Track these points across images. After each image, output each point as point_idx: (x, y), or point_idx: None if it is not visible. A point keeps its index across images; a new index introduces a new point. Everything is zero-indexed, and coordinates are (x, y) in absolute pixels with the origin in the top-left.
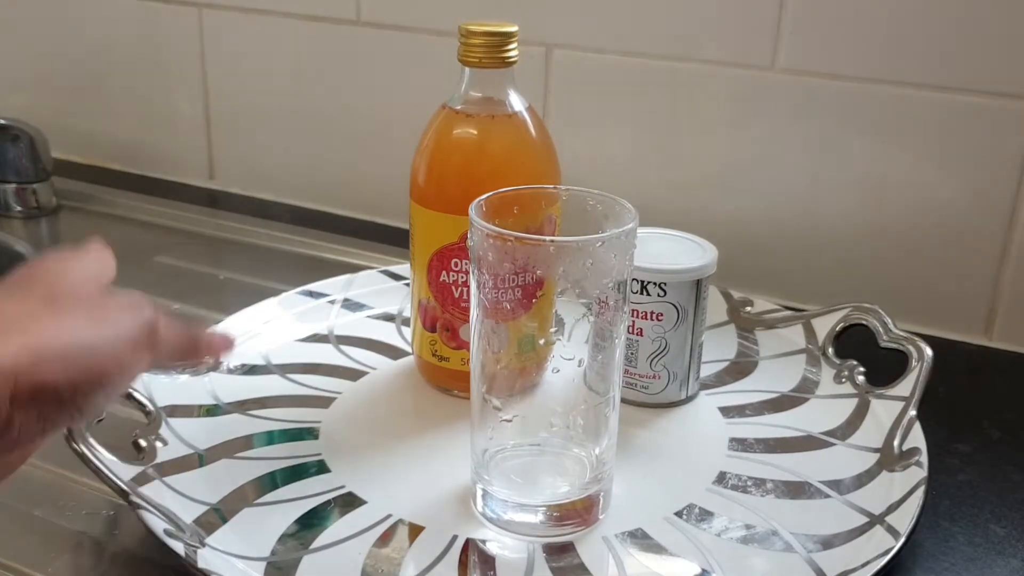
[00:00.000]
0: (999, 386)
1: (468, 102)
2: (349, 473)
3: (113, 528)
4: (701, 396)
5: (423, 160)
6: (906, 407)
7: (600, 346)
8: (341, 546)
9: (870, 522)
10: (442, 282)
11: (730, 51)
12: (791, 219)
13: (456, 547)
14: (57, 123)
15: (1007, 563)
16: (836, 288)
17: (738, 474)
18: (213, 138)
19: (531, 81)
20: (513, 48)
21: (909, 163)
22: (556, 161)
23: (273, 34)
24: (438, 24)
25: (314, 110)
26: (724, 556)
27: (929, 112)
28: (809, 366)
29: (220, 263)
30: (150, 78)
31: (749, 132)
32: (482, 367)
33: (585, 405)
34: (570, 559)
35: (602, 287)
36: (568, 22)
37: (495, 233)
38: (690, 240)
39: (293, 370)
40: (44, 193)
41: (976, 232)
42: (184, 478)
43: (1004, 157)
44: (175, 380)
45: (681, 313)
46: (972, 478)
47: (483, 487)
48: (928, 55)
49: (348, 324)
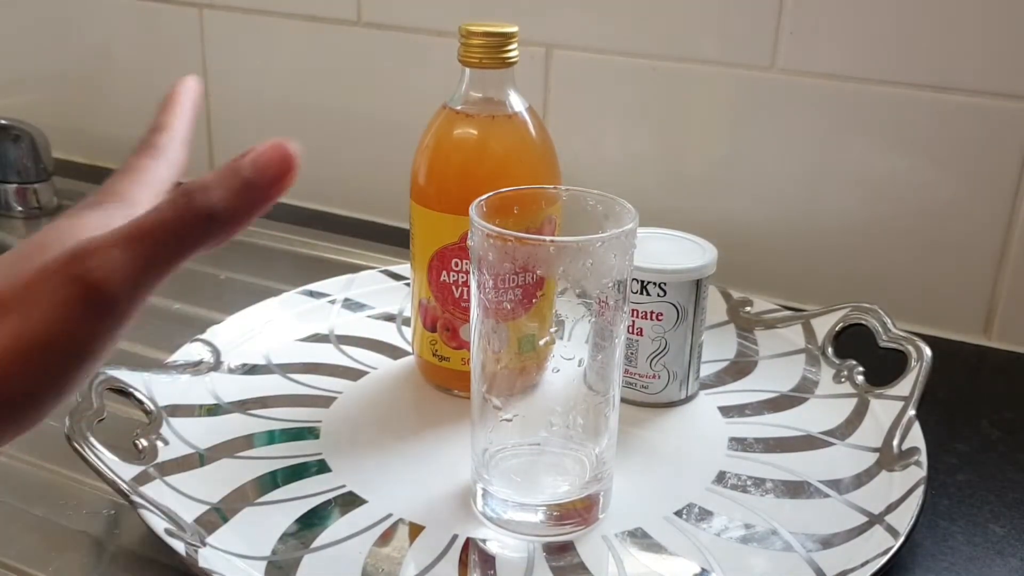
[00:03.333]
0: (998, 386)
1: (468, 102)
2: (349, 473)
3: (114, 527)
4: (701, 396)
5: (423, 160)
6: (905, 407)
7: (600, 346)
8: (342, 545)
9: (869, 522)
10: (442, 282)
11: (730, 51)
12: (791, 219)
13: (456, 546)
14: (58, 123)
15: (1006, 563)
16: (836, 288)
17: (738, 474)
18: (213, 138)
19: (531, 81)
20: (513, 48)
21: (909, 163)
22: (556, 161)
23: (273, 34)
24: (438, 24)
25: (314, 110)
26: (724, 555)
27: (929, 112)
28: (808, 366)
29: (220, 263)
30: (150, 78)
31: (749, 132)
32: (482, 367)
33: (585, 405)
34: (570, 558)
35: (602, 287)
36: (568, 22)
37: (495, 233)
38: (690, 240)
39: (294, 370)
40: (45, 193)
41: (976, 232)
42: (185, 477)
43: (1004, 157)
44: (176, 380)
45: (681, 313)
46: (971, 478)
47: (483, 486)
48: (928, 55)
49: (349, 324)
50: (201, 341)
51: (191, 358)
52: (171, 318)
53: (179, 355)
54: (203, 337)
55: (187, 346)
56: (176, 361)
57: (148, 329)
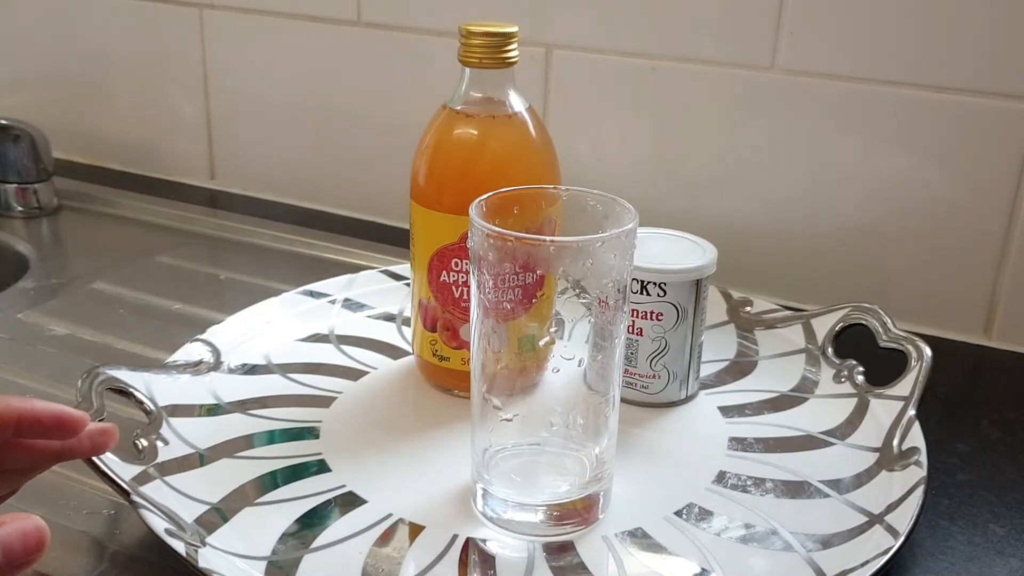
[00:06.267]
0: (998, 386)
1: (468, 102)
2: (349, 472)
3: (114, 527)
4: (701, 396)
5: (423, 160)
6: (905, 407)
7: (600, 346)
8: (342, 545)
9: (869, 521)
10: (442, 282)
11: (730, 51)
12: (791, 219)
13: (456, 546)
14: (58, 123)
15: (1006, 563)
16: (836, 288)
17: (738, 473)
18: (214, 138)
19: (531, 81)
20: (513, 48)
21: (909, 163)
22: (556, 161)
23: (273, 34)
24: (438, 24)
25: (314, 110)
26: (724, 555)
27: (929, 112)
28: (809, 366)
29: (221, 263)
30: (151, 78)
31: (749, 132)
32: (482, 367)
33: (585, 405)
34: (570, 558)
35: (602, 287)
36: (568, 22)
37: (495, 233)
38: (690, 240)
39: (294, 370)
40: (45, 193)
41: (976, 232)
42: (185, 477)
43: (1004, 157)
44: (176, 380)
45: (681, 313)
46: (971, 478)
47: (483, 486)
48: (928, 55)
49: (349, 324)
50: (201, 341)
51: (191, 358)
52: (171, 318)
53: (179, 355)
54: (203, 337)
55: (187, 346)
56: (176, 361)
57: (148, 329)
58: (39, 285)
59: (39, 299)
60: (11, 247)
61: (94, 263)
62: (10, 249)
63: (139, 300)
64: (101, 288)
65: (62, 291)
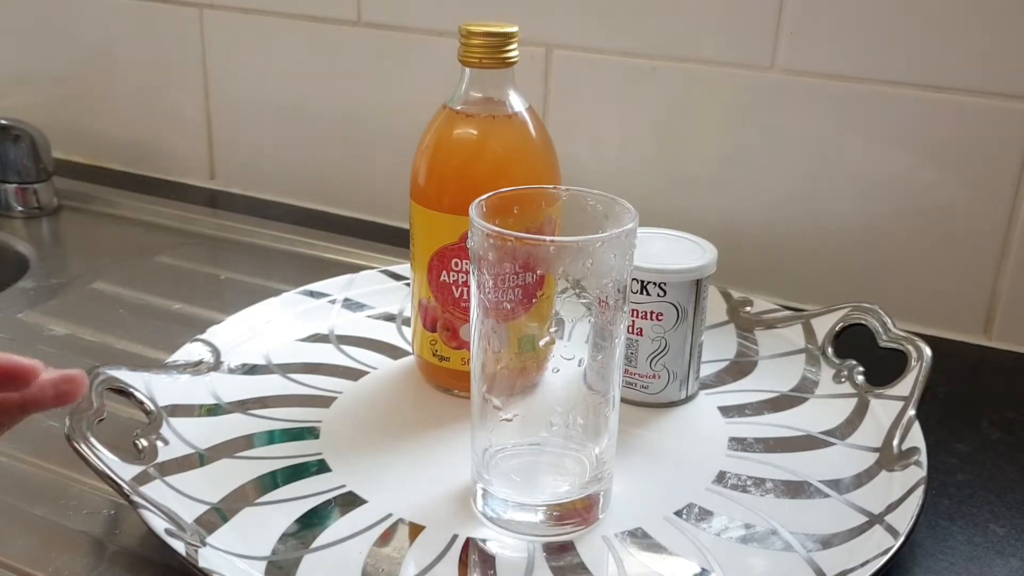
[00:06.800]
0: (998, 386)
1: (468, 102)
2: (349, 472)
3: (114, 527)
4: (701, 396)
5: (423, 160)
6: (905, 407)
7: (600, 346)
8: (342, 545)
9: (869, 521)
10: (442, 282)
11: (730, 51)
12: (791, 219)
13: (456, 546)
14: (58, 123)
15: (1006, 563)
16: (835, 288)
17: (738, 473)
18: (214, 138)
19: (531, 81)
20: (513, 48)
21: (909, 163)
22: (556, 161)
23: (273, 34)
24: (438, 24)
25: (314, 110)
26: (724, 555)
27: (929, 112)
28: (808, 366)
29: (221, 263)
30: (151, 78)
31: (749, 132)
32: (482, 367)
33: (585, 405)
34: (570, 558)
35: (602, 287)
36: (568, 22)
37: (495, 233)
38: (690, 240)
39: (294, 370)
40: (45, 193)
41: (976, 232)
42: (185, 477)
43: (1004, 157)
44: (176, 380)
45: (681, 313)
46: (971, 478)
47: (483, 486)
48: (928, 55)
49: (349, 324)
50: (201, 341)
51: (191, 358)
52: (171, 318)
53: (179, 355)
54: (203, 337)
55: (187, 346)
56: (176, 361)
57: (148, 329)
58: (39, 285)
59: (39, 299)
60: (11, 247)
61: (94, 263)
62: (10, 249)
63: (139, 300)
64: (101, 288)
65: (62, 291)
